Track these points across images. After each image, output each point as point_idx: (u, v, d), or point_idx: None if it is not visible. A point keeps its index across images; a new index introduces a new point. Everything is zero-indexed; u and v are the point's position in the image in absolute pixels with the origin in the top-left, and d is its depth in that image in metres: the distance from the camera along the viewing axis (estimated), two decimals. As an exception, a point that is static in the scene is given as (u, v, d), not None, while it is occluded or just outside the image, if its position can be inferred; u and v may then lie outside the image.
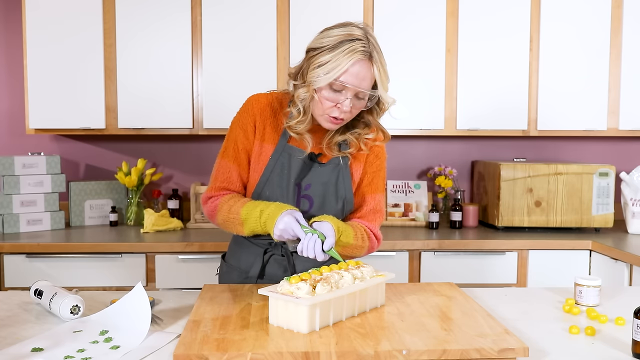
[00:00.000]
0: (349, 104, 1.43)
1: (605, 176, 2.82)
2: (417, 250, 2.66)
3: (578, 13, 2.92)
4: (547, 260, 2.67)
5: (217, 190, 1.58)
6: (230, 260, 1.71)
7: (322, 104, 1.45)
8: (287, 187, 1.53)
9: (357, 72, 1.41)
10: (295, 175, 1.54)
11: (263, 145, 1.56)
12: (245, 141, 1.56)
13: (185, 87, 2.85)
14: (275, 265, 1.61)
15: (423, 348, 1.10)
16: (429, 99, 2.91)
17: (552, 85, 2.94)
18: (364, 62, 1.42)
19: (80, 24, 2.81)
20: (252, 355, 1.07)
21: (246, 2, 2.83)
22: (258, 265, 1.61)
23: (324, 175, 1.56)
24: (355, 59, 1.40)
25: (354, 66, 1.41)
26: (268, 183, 1.54)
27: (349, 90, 1.42)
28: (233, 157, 1.57)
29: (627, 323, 1.36)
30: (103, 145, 3.21)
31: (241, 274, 1.64)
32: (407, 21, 2.89)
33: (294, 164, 1.54)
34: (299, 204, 1.55)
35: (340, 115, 1.46)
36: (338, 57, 1.40)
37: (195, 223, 2.93)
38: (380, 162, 1.64)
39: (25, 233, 2.78)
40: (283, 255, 1.60)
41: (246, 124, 1.56)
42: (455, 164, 3.28)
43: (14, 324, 1.34)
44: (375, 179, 1.64)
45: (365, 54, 1.42)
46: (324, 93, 1.44)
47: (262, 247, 1.61)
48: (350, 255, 1.57)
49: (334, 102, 1.44)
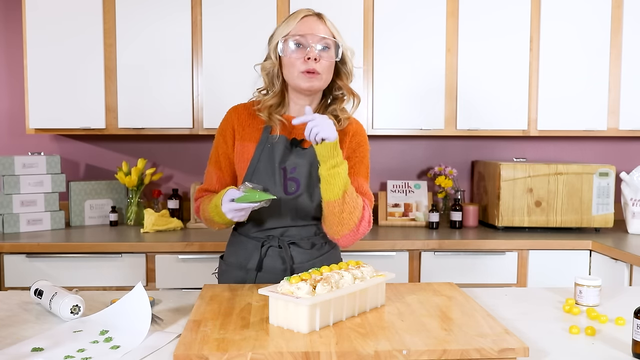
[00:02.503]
0: (314, 51, 1.54)
1: (605, 176, 2.82)
2: (417, 250, 2.66)
3: (578, 13, 2.92)
4: (547, 260, 2.67)
5: (199, 192, 1.72)
6: (228, 258, 1.73)
7: (291, 64, 1.57)
8: (272, 172, 1.59)
9: (309, 24, 1.56)
10: (279, 160, 1.60)
11: (244, 144, 1.65)
12: (224, 146, 1.68)
13: (185, 87, 2.85)
14: (273, 256, 1.63)
15: (423, 348, 1.10)
16: (428, 99, 2.91)
17: (552, 85, 2.94)
18: (313, 18, 1.58)
19: (81, 23, 2.81)
20: (252, 355, 1.07)
21: (246, 2, 2.83)
22: (256, 258, 1.63)
23: (307, 157, 1.60)
24: (302, 15, 1.58)
25: (304, 20, 1.57)
26: (255, 172, 1.61)
27: (307, 38, 1.55)
28: (214, 162, 1.70)
29: (627, 323, 1.36)
30: (103, 145, 3.21)
31: (240, 270, 1.66)
32: (407, 21, 2.89)
33: (277, 151, 1.60)
34: (286, 187, 1.60)
35: (312, 66, 1.55)
36: (287, 20, 1.59)
37: (195, 223, 2.93)
38: (363, 148, 1.68)
39: (25, 233, 2.78)
40: (280, 247, 1.63)
41: (225, 130, 1.68)
42: (455, 164, 3.28)
43: (14, 324, 1.34)
44: (358, 163, 1.66)
45: (310, 11, 1.59)
46: (288, 53, 1.57)
47: (260, 240, 1.64)
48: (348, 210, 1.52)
49: (300, 57, 1.55)
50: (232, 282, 1.65)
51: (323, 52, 1.56)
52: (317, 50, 1.55)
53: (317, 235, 1.67)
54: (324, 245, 1.69)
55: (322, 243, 1.68)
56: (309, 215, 1.64)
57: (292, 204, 1.60)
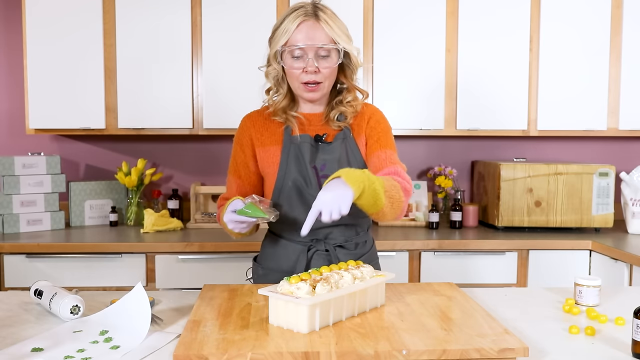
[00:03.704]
0: (312, 64, 1.51)
1: (605, 176, 2.82)
2: (417, 250, 2.66)
3: (578, 13, 2.92)
4: (547, 260, 2.67)
5: (220, 201, 1.71)
6: (266, 262, 1.69)
7: (292, 75, 1.55)
8: (305, 172, 1.58)
9: (306, 32, 1.50)
10: (309, 159, 1.58)
11: (267, 149, 1.63)
12: (242, 155, 1.67)
13: (185, 87, 2.85)
14: (320, 260, 1.61)
15: (423, 348, 1.10)
16: (428, 99, 2.91)
17: (552, 85, 2.94)
18: (310, 22, 1.51)
19: (80, 23, 2.81)
20: (252, 355, 1.07)
21: (246, 3, 2.83)
22: (303, 262, 1.61)
23: (334, 152, 1.59)
24: (299, 21, 1.50)
25: (300, 27, 1.50)
26: (287, 175, 1.59)
27: (305, 50, 1.51)
28: (234, 171, 1.69)
29: (627, 323, 1.36)
30: (103, 145, 3.21)
31: (282, 274, 1.58)
32: (407, 21, 2.89)
33: (304, 150, 1.59)
34: (321, 185, 1.56)
35: (312, 78, 1.52)
36: (285, 24, 1.52)
37: (195, 223, 2.93)
38: (384, 125, 1.65)
39: (25, 233, 2.78)
40: (327, 250, 1.61)
41: (242, 139, 1.67)
42: (455, 164, 3.28)
43: (14, 324, 1.34)
44: (383, 137, 1.62)
45: (308, 15, 1.51)
46: (287, 63, 1.54)
47: (305, 244, 1.62)
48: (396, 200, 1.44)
49: (299, 68, 1.52)
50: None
51: (323, 61, 1.53)
52: (315, 64, 1.51)
53: (358, 234, 1.66)
54: (365, 243, 1.69)
55: (364, 242, 1.68)
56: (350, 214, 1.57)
57: None
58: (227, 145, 3.12)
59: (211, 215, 2.98)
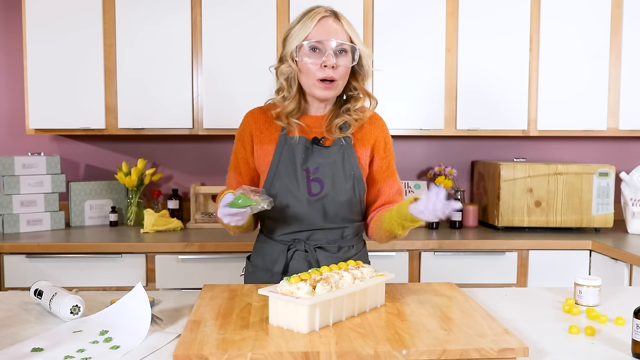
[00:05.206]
0: (331, 58, 1.50)
1: (605, 176, 2.82)
2: (417, 250, 2.66)
3: (578, 13, 2.92)
4: (547, 260, 2.67)
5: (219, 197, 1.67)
6: (255, 260, 1.72)
7: (308, 71, 1.53)
8: (295, 174, 1.58)
9: (327, 28, 1.52)
10: (301, 161, 1.58)
11: (263, 147, 1.63)
12: (243, 151, 1.67)
13: (185, 87, 2.85)
14: (299, 260, 1.62)
15: (423, 348, 1.10)
16: (429, 99, 2.91)
17: (552, 85, 2.94)
18: (330, 19, 1.53)
19: (80, 24, 2.81)
20: (252, 355, 1.07)
21: (247, 3, 2.83)
22: (282, 261, 1.62)
23: (330, 156, 1.59)
24: (319, 17, 1.52)
25: (321, 23, 1.52)
26: (276, 176, 1.59)
27: (325, 45, 1.51)
28: (234, 167, 1.69)
29: (627, 323, 1.36)
30: (103, 145, 3.21)
31: (266, 272, 1.65)
32: (407, 21, 2.89)
33: (297, 151, 1.59)
34: (310, 188, 1.58)
35: (329, 74, 1.52)
36: (303, 22, 1.53)
37: (195, 223, 2.93)
38: (390, 146, 1.70)
39: (25, 233, 2.78)
40: (306, 251, 1.61)
41: (243, 135, 1.67)
42: (455, 164, 3.28)
43: (14, 324, 1.34)
44: (391, 164, 1.69)
45: (328, 12, 1.54)
46: (305, 59, 1.52)
47: (286, 243, 1.63)
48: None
49: (317, 63, 1.52)
50: (258, 284, 1.64)
51: (340, 58, 1.53)
52: (334, 59, 1.51)
53: (344, 238, 1.65)
54: (351, 248, 1.67)
55: (349, 246, 1.66)
56: (337, 217, 1.61)
57: (317, 205, 1.58)
58: (227, 145, 3.12)
59: (211, 215, 2.98)
